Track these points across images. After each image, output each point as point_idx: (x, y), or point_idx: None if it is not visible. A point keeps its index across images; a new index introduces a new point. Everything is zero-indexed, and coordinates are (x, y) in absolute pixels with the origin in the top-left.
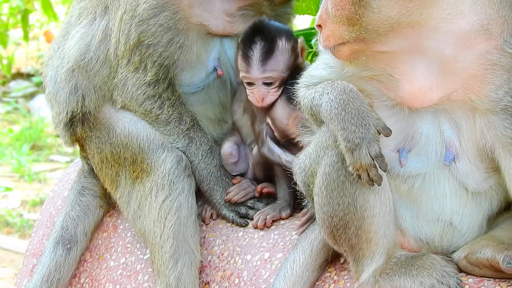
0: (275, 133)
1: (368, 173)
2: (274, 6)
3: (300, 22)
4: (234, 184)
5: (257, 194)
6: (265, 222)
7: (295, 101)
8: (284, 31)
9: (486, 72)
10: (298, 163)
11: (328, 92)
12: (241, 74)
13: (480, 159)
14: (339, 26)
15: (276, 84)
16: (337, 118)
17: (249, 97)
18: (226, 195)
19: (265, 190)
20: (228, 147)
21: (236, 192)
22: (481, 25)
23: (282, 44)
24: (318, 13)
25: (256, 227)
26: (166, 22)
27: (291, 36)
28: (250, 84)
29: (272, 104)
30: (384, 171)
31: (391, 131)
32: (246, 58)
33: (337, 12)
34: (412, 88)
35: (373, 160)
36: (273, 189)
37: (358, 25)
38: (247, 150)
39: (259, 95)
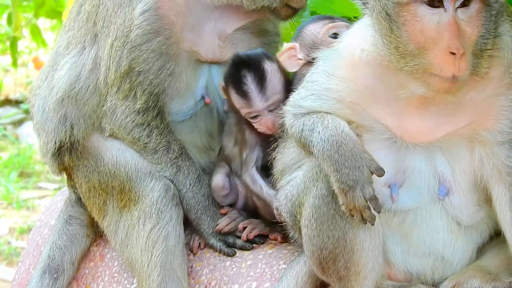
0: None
1: (361, 214)
2: (276, 21)
3: None
4: (222, 214)
5: (244, 238)
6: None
7: None
8: (262, 54)
9: (502, 109)
10: (284, 193)
11: (319, 131)
12: (244, 111)
13: (473, 191)
14: (470, 57)
15: (279, 106)
16: (330, 159)
17: (258, 129)
18: (217, 225)
19: (253, 234)
20: (219, 179)
21: (226, 222)
22: (500, 66)
23: (269, 67)
24: (455, 40)
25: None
26: (159, 47)
27: (270, 55)
28: (256, 117)
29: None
30: (378, 212)
31: (384, 172)
32: (244, 94)
33: (476, 42)
34: (416, 124)
35: (367, 202)
36: (261, 228)
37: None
38: (237, 180)
39: (269, 123)
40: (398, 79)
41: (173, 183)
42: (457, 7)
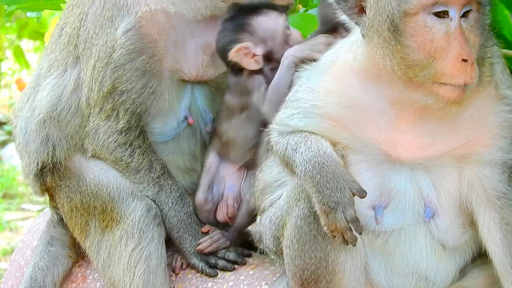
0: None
1: (343, 235)
2: None
3: None
4: (203, 233)
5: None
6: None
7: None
8: None
9: (503, 129)
10: (269, 217)
11: (302, 152)
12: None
13: (458, 214)
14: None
15: None
16: (312, 180)
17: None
18: (198, 245)
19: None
20: (201, 194)
21: (208, 243)
22: (495, 87)
23: None
24: (466, 47)
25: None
26: (142, 66)
27: None
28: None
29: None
30: (360, 233)
31: (366, 193)
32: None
33: (477, 49)
34: (409, 139)
35: (348, 223)
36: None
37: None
38: (220, 190)
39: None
40: (398, 90)
41: (155, 202)
42: (460, 17)
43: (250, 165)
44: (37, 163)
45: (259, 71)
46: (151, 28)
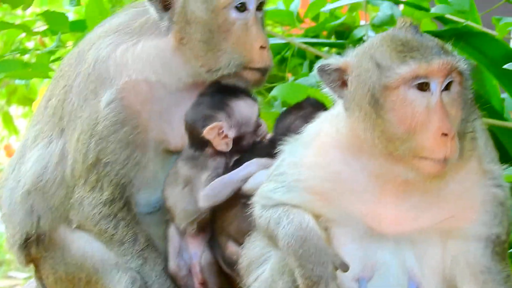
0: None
1: None
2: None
3: None
4: None
5: None
6: None
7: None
8: None
9: (486, 205)
10: None
11: (284, 226)
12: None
13: (442, 287)
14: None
15: None
16: (294, 254)
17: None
18: None
19: None
20: (171, 263)
21: None
22: (481, 163)
23: None
24: (446, 121)
25: None
26: (126, 137)
27: None
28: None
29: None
30: None
31: (349, 267)
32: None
33: (458, 123)
34: (394, 214)
35: None
36: None
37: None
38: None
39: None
40: (379, 164)
41: (139, 274)
42: (441, 91)
43: (209, 231)
44: (22, 234)
45: (223, 154)
46: (133, 99)
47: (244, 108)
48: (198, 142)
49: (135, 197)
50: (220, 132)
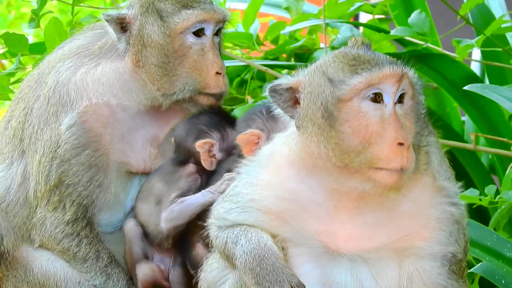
0: None
1: None
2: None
3: None
4: None
5: None
6: None
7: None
8: None
9: (441, 222)
10: None
11: (242, 244)
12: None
13: None
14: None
15: None
16: (251, 272)
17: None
18: None
19: None
20: (145, 265)
21: None
22: (433, 180)
23: None
24: (402, 132)
25: None
26: (87, 160)
27: None
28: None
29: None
30: None
31: (305, 287)
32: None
33: (412, 135)
34: (350, 231)
35: None
36: None
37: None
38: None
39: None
40: (334, 179)
41: None
42: (395, 103)
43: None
44: None
45: (200, 173)
46: (95, 122)
47: (234, 138)
48: (184, 156)
49: (97, 217)
50: (210, 149)
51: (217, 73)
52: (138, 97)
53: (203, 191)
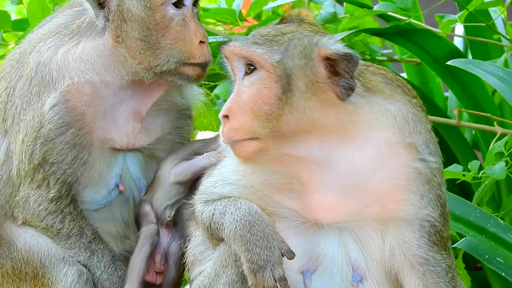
0: None
1: None
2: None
3: None
4: None
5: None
6: None
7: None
8: None
9: (410, 181)
10: (197, 284)
11: (231, 212)
12: None
13: (386, 280)
14: (252, 120)
15: None
16: (241, 239)
17: None
18: None
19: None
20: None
21: None
22: (402, 138)
23: None
24: (227, 104)
25: None
26: (72, 139)
27: None
28: None
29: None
30: None
31: (294, 254)
32: None
33: (256, 105)
34: (320, 200)
35: (276, 283)
36: None
37: (276, 121)
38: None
39: None
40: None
41: (87, 267)
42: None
43: (177, 224)
44: None
45: None
46: (78, 101)
47: None
48: None
49: (81, 195)
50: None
51: (201, 42)
52: (120, 72)
53: (204, 154)
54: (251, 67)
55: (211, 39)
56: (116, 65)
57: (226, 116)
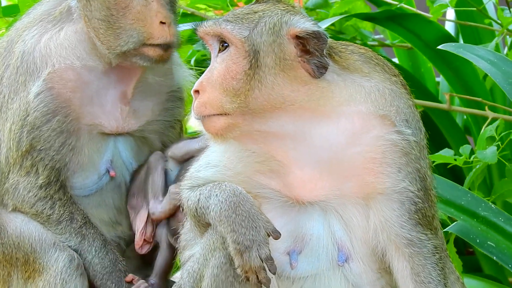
0: None
1: (257, 276)
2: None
3: None
4: (127, 282)
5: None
6: None
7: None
8: None
9: (386, 154)
10: (186, 270)
11: (216, 194)
12: None
13: (373, 259)
14: (221, 95)
15: None
16: (227, 220)
17: None
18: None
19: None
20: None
21: None
22: (377, 112)
23: None
24: (199, 80)
25: None
26: (58, 126)
27: None
28: None
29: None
30: (274, 273)
31: (280, 234)
32: None
33: (225, 80)
34: (299, 176)
35: (263, 263)
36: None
37: (244, 97)
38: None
39: None
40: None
41: (78, 252)
42: None
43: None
44: None
45: None
46: (62, 88)
47: None
48: None
49: (70, 180)
50: None
51: (162, 22)
52: (102, 55)
53: (198, 138)
54: (224, 45)
55: None
56: (95, 48)
57: (197, 92)
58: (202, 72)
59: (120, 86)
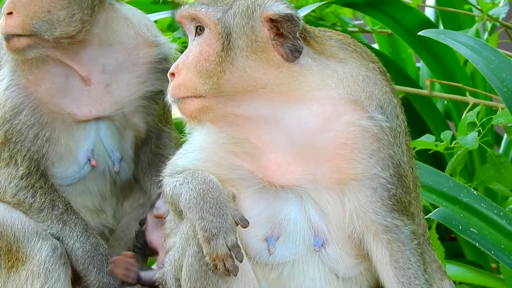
0: None
1: (224, 263)
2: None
3: None
4: (111, 262)
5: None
6: None
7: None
8: None
9: (357, 140)
10: (168, 260)
11: (188, 182)
12: None
13: (350, 245)
14: (195, 77)
15: None
16: (195, 207)
17: None
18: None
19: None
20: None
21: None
22: (349, 98)
23: None
24: (175, 62)
25: None
26: (28, 119)
27: None
28: None
29: None
30: (240, 261)
31: (248, 223)
32: None
33: (198, 62)
34: (273, 159)
35: (230, 251)
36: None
37: (216, 79)
38: None
39: None
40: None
41: (60, 238)
42: None
43: None
44: None
45: None
46: (27, 82)
47: None
48: None
49: (51, 170)
50: None
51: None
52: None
53: None
54: (201, 28)
55: None
56: None
57: (173, 74)
58: None
59: (83, 69)
